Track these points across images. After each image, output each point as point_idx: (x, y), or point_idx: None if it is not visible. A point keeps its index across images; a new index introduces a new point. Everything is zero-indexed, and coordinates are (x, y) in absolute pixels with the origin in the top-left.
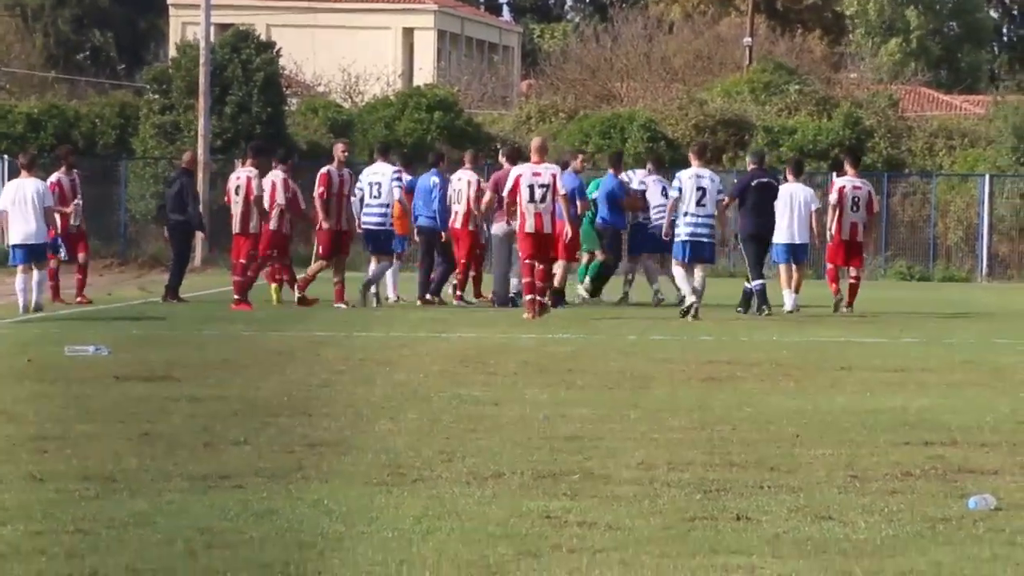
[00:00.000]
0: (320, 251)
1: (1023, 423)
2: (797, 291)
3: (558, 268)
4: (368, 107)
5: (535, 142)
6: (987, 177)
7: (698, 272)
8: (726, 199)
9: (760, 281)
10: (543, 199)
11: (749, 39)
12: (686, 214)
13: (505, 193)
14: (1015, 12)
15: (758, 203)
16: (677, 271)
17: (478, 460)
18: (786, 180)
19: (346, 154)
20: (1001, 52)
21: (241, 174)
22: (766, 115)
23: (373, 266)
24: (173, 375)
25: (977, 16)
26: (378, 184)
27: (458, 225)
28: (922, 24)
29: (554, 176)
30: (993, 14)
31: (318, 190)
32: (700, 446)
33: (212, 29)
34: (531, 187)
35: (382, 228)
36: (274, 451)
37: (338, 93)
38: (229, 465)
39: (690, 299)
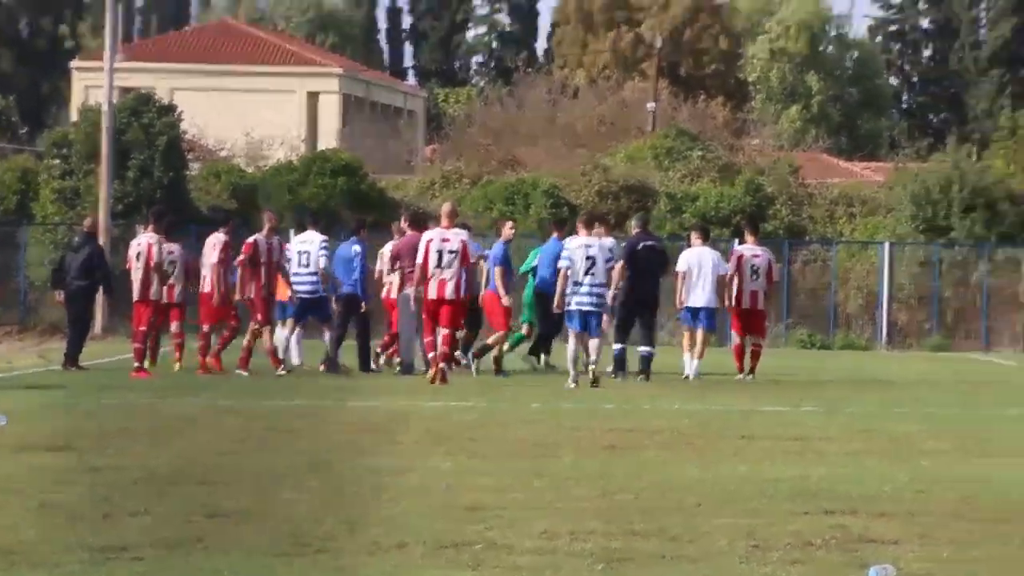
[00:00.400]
0: (259, 318)
1: (922, 492)
2: (700, 357)
3: (492, 339)
4: (272, 171)
5: (445, 207)
6: (887, 245)
7: (592, 341)
8: (617, 266)
9: (620, 346)
10: (449, 265)
11: (652, 105)
12: (577, 284)
13: (419, 259)
14: (914, 79)
15: (643, 268)
16: (571, 343)
17: (381, 530)
18: (689, 245)
19: (274, 221)
20: (900, 119)
21: (142, 240)
22: (669, 181)
23: (327, 335)
24: (72, 444)
25: (876, 83)
26: (307, 253)
27: (393, 295)
28: (822, 90)
29: (463, 243)
30: (892, 81)
31: (240, 258)
32: (602, 515)
33: (115, 92)
34: (439, 252)
35: (314, 296)
36: (174, 521)
37: (241, 157)
38: (128, 536)
39: (592, 367)
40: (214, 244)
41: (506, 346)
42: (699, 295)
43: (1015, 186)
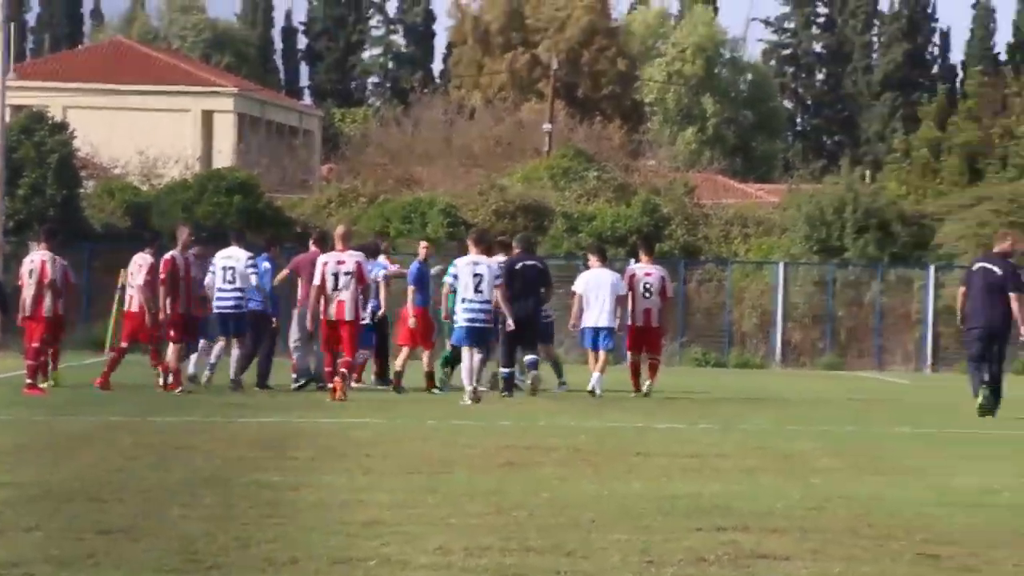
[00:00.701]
0: (172, 336)
1: (814, 509)
2: (603, 372)
3: (402, 355)
4: (166, 189)
5: (339, 230)
6: (781, 265)
7: (476, 357)
8: (502, 283)
9: (508, 370)
10: (346, 286)
11: (549, 125)
12: (464, 300)
13: (316, 281)
14: (808, 102)
15: (520, 287)
16: (464, 359)
17: (274, 546)
18: (587, 266)
19: (190, 238)
20: (795, 141)
21: (35, 257)
22: (565, 201)
23: (235, 351)
24: None
25: (771, 105)
26: (231, 268)
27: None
28: (717, 112)
29: (358, 264)
30: (787, 104)
31: (160, 275)
32: (498, 531)
33: (7, 111)
34: (335, 275)
35: (235, 311)
36: (65, 538)
37: (136, 175)
38: (19, 552)
39: (472, 386)
40: (140, 264)
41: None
42: (598, 316)
43: (907, 208)
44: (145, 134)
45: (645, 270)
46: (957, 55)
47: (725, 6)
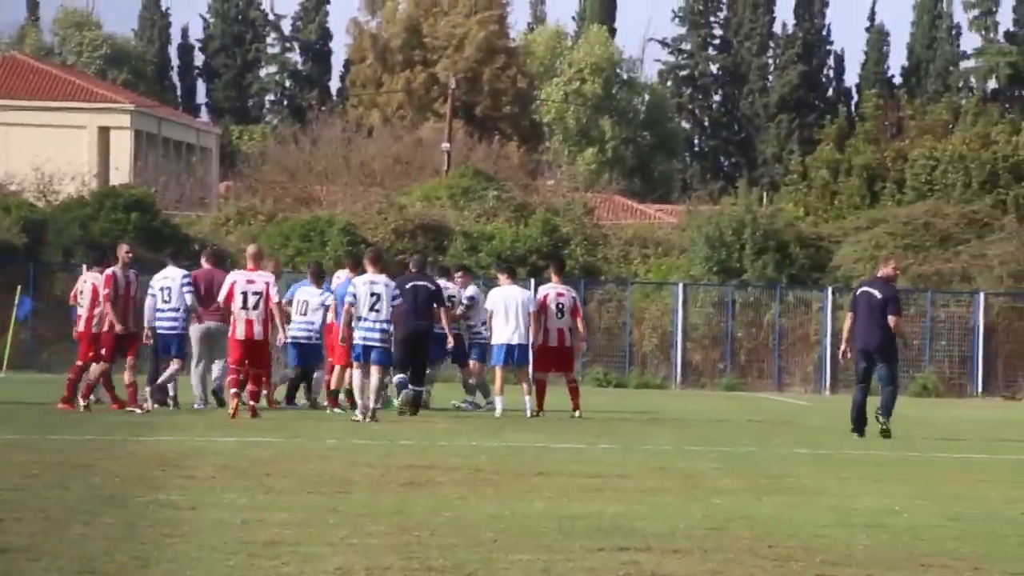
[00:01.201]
0: (104, 354)
1: (714, 529)
2: (529, 393)
3: (333, 373)
4: (63, 206)
5: (250, 249)
6: (681, 285)
7: (374, 375)
8: (399, 303)
9: (402, 376)
10: (256, 306)
11: (447, 145)
12: (361, 319)
13: (221, 299)
14: (706, 123)
15: (411, 305)
16: (356, 376)
17: (174, 566)
18: (498, 284)
19: (130, 255)
20: (693, 162)
21: None
22: (465, 220)
23: (170, 369)
24: None
25: (669, 127)
26: (168, 289)
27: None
28: (616, 134)
29: (267, 284)
30: (684, 125)
31: (104, 292)
32: (399, 551)
33: None
34: (244, 294)
35: (174, 332)
36: None
37: (31, 192)
38: None
39: (361, 406)
40: (88, 282)
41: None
42: (510, 333)
43: (805, 229)
44: (41, 150)
45: (557, 290)
46: (852, 78)
47: (622, 26)
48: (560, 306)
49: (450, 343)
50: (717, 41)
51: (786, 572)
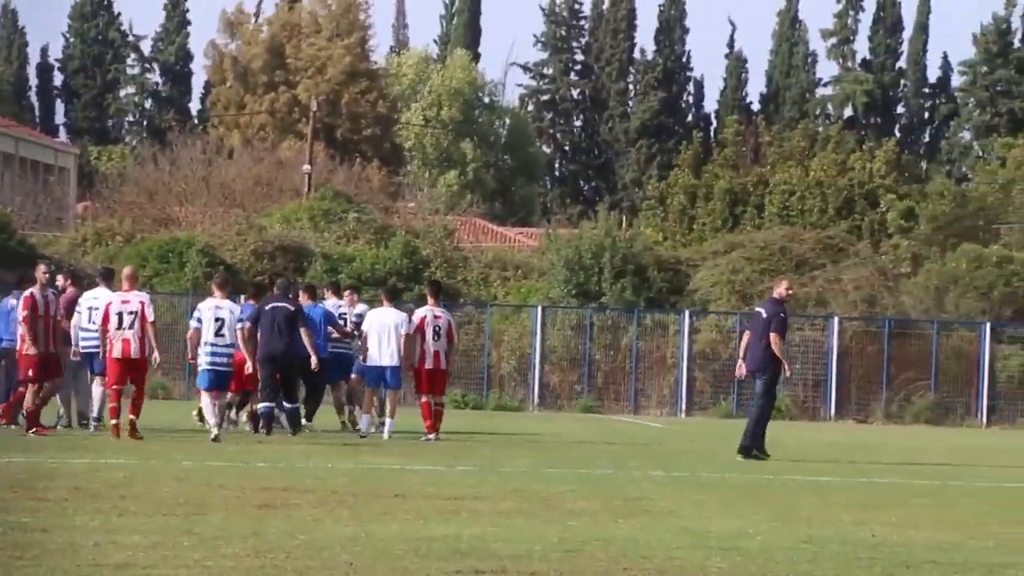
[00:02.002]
0: (30, 376)
1: (570, 552)
2: (392, 416)
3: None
4: None
5: (126, 271)
6: (539, 308)
7: (217, 400)
8: (247, 326)
9: (268, 404)
10: (131, 326)
11: (308, 167)
12: (207, 344)
13: (99, 321)
14: (566, 148)
15: (269, 326)
16: (204, 400)
17: None
18: (380, 304)
19: (47, 275)
20: (553, 186)
21: None
22: (325, 242)
23: (96, 389)
24: None
25: (530, 151)
26: (96, 309)
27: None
28: (477, 158)
29: (142, 304)
30: (546, 149)
31: (22, 314)
32: (253, 574)
33: None
34: (120, 314)
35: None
36: None
37: None
38: None
39: (214, 430)
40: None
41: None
42: (382, 354)
43: (664, 253)
44: None
45: (434, 312)
46: (711, 104)
47: (486, 51)
48: (437, 328)
49: (314, 365)
50: (578, 67)
51: None
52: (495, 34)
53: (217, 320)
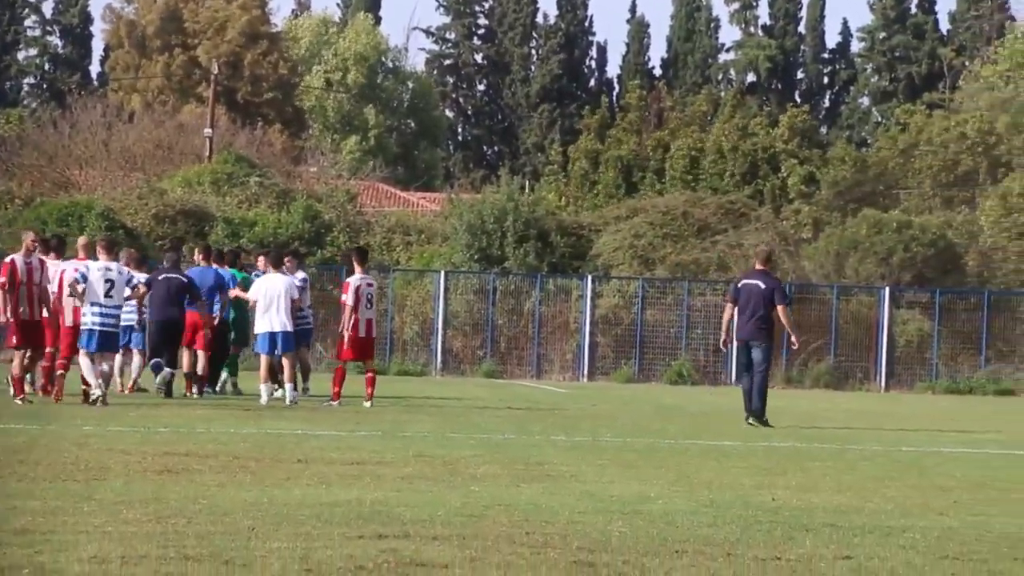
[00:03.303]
0: (13, 342)
1: (473, 516)
2: (291, 381)
3: (200, 358)
4: None
5: (81, 240)
6: (442, 273)
7: (107, 362)
8: (141, 289)
9: (157, 359)
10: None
11: (209, 130)
12: (94, 305)
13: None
14: (469, 112)
15: (162, 296)
16: (84, 361)
17: None
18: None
19: (36, 243)
20: (456, 151)
21: None
22: (226, 206)
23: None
24: None
25: (433, 115)
26: (111, 282)
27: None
28: (380, 123)
29: (42, 262)
30: (449, 114)
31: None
32: (155, 539)
33: None
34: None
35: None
36: None
37: None
38: None
39: (96, 391)
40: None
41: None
42: (272, 321)
43: (566, 218)
44: None
45: (367, 280)
46: (614, 69)
47: (387, 15)
48: (370, 296)
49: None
50: (481, 31)
51: (543, 559)
52: None
53: (107, 282)
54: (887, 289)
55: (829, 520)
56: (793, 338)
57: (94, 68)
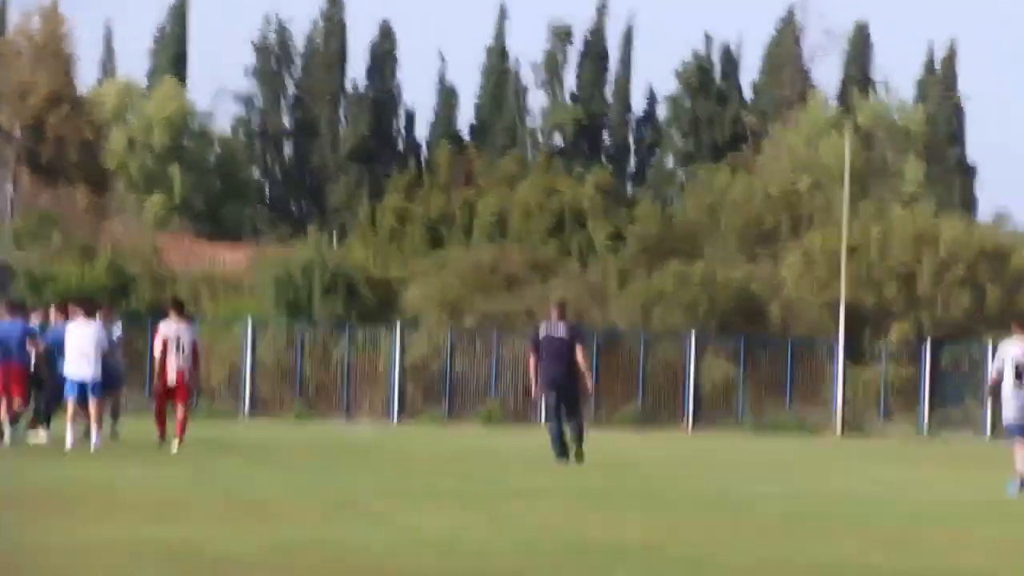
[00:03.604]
0: None
1: (285, 553)
2: (98, 424)
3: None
4: None
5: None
6: (249, 320)
7: None
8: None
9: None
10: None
11: (11, 189)
12: None
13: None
14: (277, 174)
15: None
16: None
17: None
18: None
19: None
20: (263, 208)
21: None
22: (30, 261)
23: None
24: None
25: (240, 176)
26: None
27: None
28: (186, 181)
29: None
30: (256, 174)
31: None
32: None
33: None
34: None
35: None
36: None
37: None
38: None
39: None
40: None
41: None
42: (79, 368)
43: (374, 271)
44: None
45: (177, 329)
46: (423, 131)
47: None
48: (180, 344)
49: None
50: (291, 99)
51: None
52: (203, 63)
53: None
54: (692, 334)
55: (641, 553)
56: (588, 382)
57: None
